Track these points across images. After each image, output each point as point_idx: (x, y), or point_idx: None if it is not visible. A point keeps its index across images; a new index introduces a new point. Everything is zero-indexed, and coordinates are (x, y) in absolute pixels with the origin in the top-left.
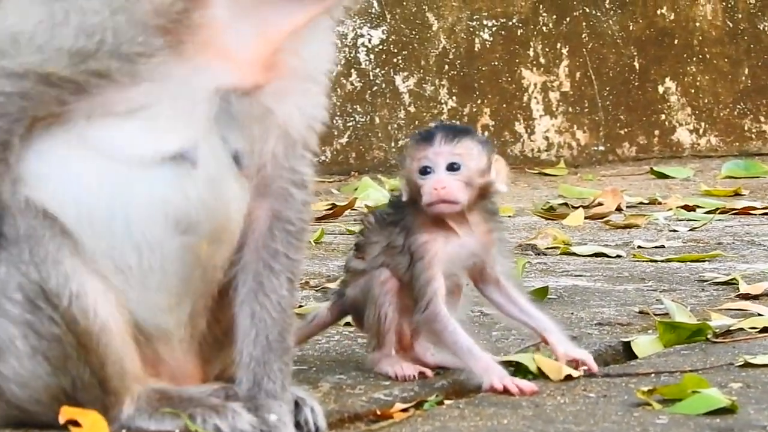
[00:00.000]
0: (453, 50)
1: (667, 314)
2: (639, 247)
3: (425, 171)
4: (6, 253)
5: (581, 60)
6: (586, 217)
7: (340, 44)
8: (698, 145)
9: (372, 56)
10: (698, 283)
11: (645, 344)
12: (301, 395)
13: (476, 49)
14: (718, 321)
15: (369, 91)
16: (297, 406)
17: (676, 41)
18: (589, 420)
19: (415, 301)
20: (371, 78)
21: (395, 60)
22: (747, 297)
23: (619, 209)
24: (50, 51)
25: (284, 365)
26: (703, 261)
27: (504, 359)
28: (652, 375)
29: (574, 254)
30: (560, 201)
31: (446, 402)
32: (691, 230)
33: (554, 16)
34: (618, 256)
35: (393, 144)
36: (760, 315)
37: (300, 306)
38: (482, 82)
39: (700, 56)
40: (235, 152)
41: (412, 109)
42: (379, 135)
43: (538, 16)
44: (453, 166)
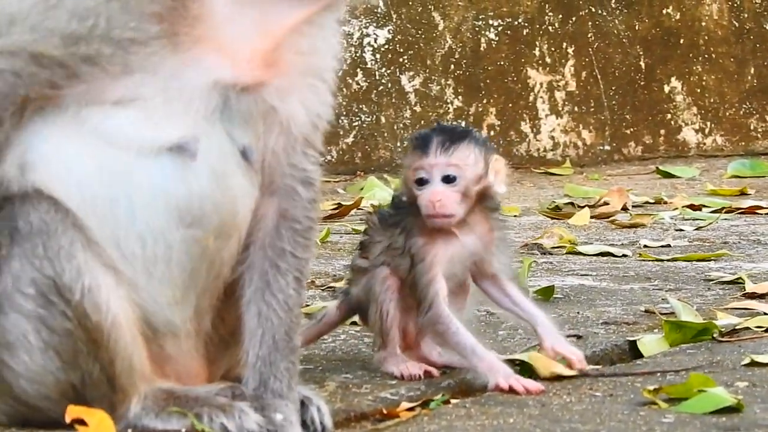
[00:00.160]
0: (459, 50)
1: (673, 313)
2: (645, 246)
3: (421, 181)
4: (19, 248)
5: (587, 60)
6: (592, 217)
7: (346, 44)
8: (704, 144)
9: (378, 56)
10: (704, 283)
11: (651, 343)
12: (307, 394)
13: (482, 49)
14: (723, 320)
15: (375, 91)
16: (303, 405)
17: (681, 41)
18: (595, 419)
19: (417, 303)
20: (377, 78)
21: (401, 60)
22: (753, 296)
23: (624, 209)
24: (43, 31)
25: (291, 364)
26: (709, 260)
27: (510, 358)
28: (658, 374)
29: (580, 253)
30: (566, 200)
31: (452, 401)
32: (697, 229)
33: (560, 16)
34: (624, 256)
35: (399, 143)
36: (766, 314)
37: (306, 305)
38: (488, 81)
39: (706, 56)
40: (243, 148)
41: (417, 108)
42: (385, 134)
43: (544, 15)
44: (449, 178)
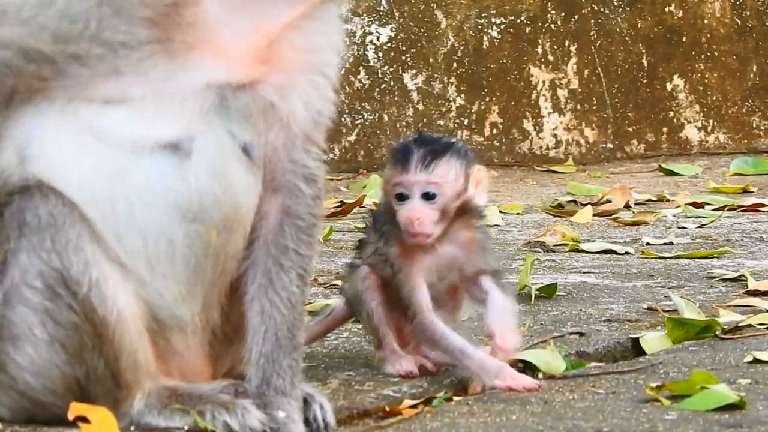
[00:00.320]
0: (461, 48)
1: (675, 311)
2: (647, 243)
3: (401, 196)
4: (26, 241)
5: (589, 57)
6: (594, 215)
7: (349, 42)
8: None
9: (380, 54)
10: (707, 280)
11: (654, 341)
12: (310, 392)
13: (484, 47)
14: (726, 317)
15: (377, 89)
16: (306, 403)
17: (684, 39)
18: (598, 416)
19: (403, 310)
20: (380, 75)
21: (404, 58)
22: (755, 293)
23: (627, 206)
24: (34, 26)
25: (294, 362)
26: (712, 258)
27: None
28: (661, 371)
29: (582, 251)
30: (569, 198)
31: (455, 398)
32: (699, 227)
33: (562, 14)
34: (626, 253)
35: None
36: None
37: (308, 303)
38: (491, 79)
39: (709, 54)
40: (244, 144)
41: (420, 106)
42: (388, 132)
43: (547, 13)
44: (428, 195)
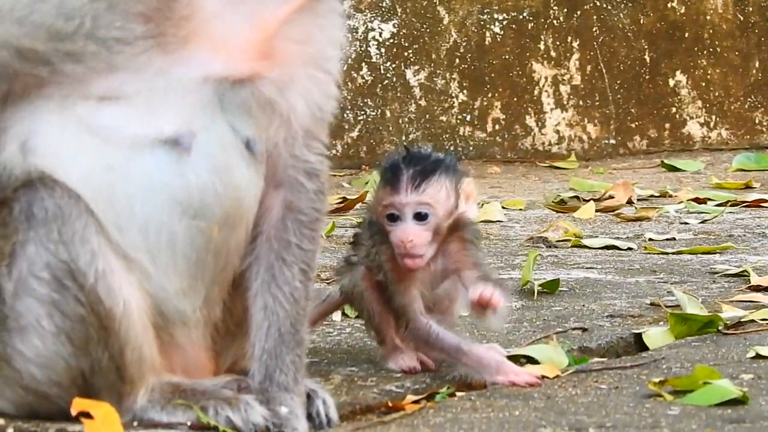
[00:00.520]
0: (464, 44)
1: (678, 306)
2: (650, 239)
3: (393, 217)
4: (34, 233)
5: (592, 53)
6: (597, 210)
7: (351, 38)
8: (709, 138)
9: (383, 50)
10: (709, 275)
11: (656, 336)
12: (313, 387)
13: (487, 43)
14: (729, 313)
15: (380, 85)
16: (309, 398)
17: (686, 35)
18: (600, 411)
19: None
20: (382, 72)
21: (406, 54)
22: (758, 289)
23: (630, 202)
24: (28, 25)
25: (297, 357)
26: (714, 253)
27: (515, 354)
28: (664, 366)
29: (585, 247)
30: (571, 194)
31: (458, 394)
32: (702, 222)
33: (565, 10)
34: (629, 249)
35: (404, 137)
36: None
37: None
38: (493, 75)
39: (711, 50)
40: (246, 139)
41: (422, 102)
42: (390, 128)
43: (549, 9)
44: (420, 215)
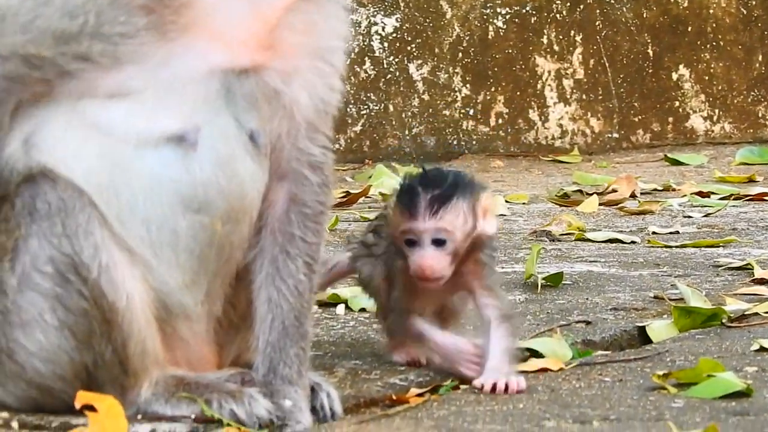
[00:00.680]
0: (467, 38)
1: (682, 299)
2: (653, 233)
3: (411, 242)
4: (37, 227)
5: (595, 47)
6: (600, 204)
7: (354, 32)
8: (712, 132)
9: (386, 44)
10: (713, 269)
11: (660, 329)
12: (317, 380)
13: (490, 37)
14: (732, 306)
15: (383, 79)
16: (313, 391)
17: (689, 28)
18: (604, 404)
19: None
20: (385, 66)
21: (409, 48)
22: (762, 282)
23: (633, 196)
24: (34, 31)
25: (301, 350)
26: (718, 246)
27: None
28: (668, 359)
29: (588, 240)
30: (574, 188)
31: (462, 387)
32: (705, 216)
33: (568, 4)
34: (632, 242)
35: (407, 132)
36: None
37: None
38: (496, 69)
39: (714, 43)
40: (251, 132)
41: (426, 97)
42: (393, 123)
43: (552, 3)
44: (438, 241)
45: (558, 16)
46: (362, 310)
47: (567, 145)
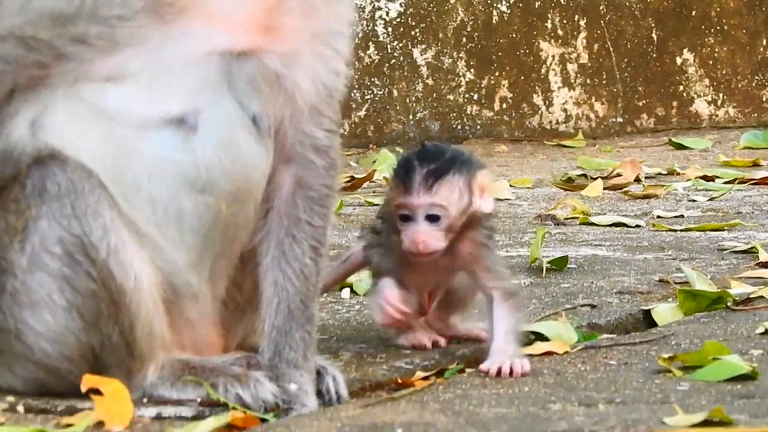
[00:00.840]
0: (471, 22)
1: (687, 282)
2: (658, 216)
3: (405, 217)
4: (47, 208)
5: (599, 32)
6: (604, 188)
7: (358, 17)
8: (716, 116)
9: (390, 29)
10: (718, 252)
11: (665, 312)
12: (322, 364)
13: (494, 22)
14: (737, 289)
15: (387, 64)
16: (319, 375)
17: (693, 13)
18: (610, 387)
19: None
20: (389, 51)
21: (413, 33)
22: (766, 265)
23: (637, 180)
24: (31, 13)
25: (306, 334)
26: (723, 230)
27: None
28: (673, 342)
29: (593, 224)
30: (579, 172)
31: (467, 370)
32: (710, 200)
33: None
34: (637, 226)
35: (411, 117)
36: None
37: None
38: (500, 54)
39: (718, 28)
40: (254, 115)
41: (430, 81)
42: (398, 108)
43: None
44: (433, 217)
45: (562, 0)
46: (366, 294)
47: (571, 129)
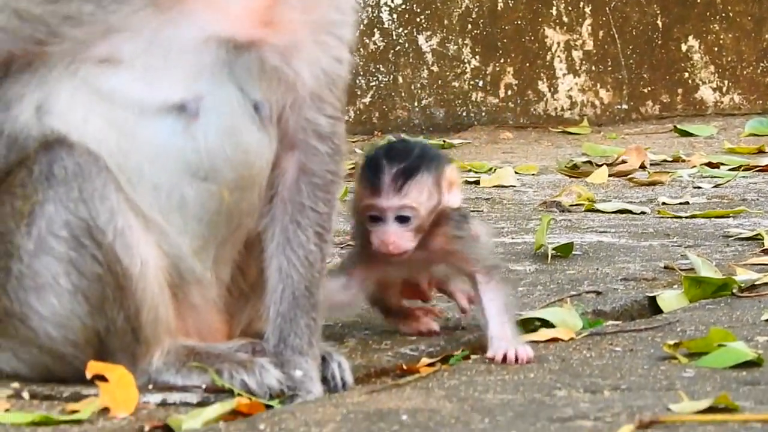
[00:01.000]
0: (476, 9)
1: (692, 269)
2: (663, 203)
3: (374, 218)
4: (53, 192)
5: (604, 19)
6: (610, 175)
7: (363, 4)
8: (721, 103)
9: (395, 16)
10: (723, 239)
11: (671, 299)
12: (328, 350)
13: (499, 8)
14: (743, 276)
15: (392, 51)
16: (324, 361)
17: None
18: (615, 373)
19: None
20: (394, 38)
21: (418, 19)
22: None
23: (643, 167)
24: None
25: (312, 321)
26: (728, 217)
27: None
28: (678, 329)
29: (598, 211)
30: (584, 159)
31: (472, 357)
32: (715, 187)
33: None
34: (642, 213)
35: (416, 103)
36: None
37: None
38: (505, 41)
39: (723, 14)
40: (255, 102)
41: (435, 68)
42: (403, 94)
43: None
44: (402, 218)
45: None
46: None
47: (576, 116)
